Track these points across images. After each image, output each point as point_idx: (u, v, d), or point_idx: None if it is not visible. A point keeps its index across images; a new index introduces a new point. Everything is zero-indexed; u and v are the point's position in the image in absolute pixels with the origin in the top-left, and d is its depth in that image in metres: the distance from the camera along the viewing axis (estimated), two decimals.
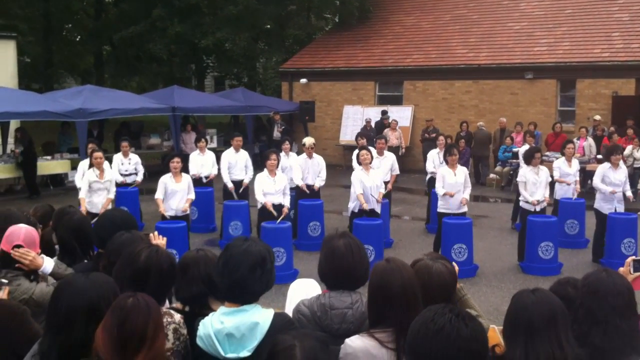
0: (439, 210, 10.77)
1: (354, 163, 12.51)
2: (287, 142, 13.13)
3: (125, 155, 13.63)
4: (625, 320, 3.15)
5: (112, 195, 10.98)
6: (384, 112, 21.70)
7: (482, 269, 10.46)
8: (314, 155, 12.62)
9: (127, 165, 13.60)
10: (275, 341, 2.77)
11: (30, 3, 32.01)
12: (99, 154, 10.87)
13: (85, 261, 4.61)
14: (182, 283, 3.63)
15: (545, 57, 20.84)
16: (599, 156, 16.16)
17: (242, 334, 3.15)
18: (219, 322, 3.19)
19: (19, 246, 4.13)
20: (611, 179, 10.80)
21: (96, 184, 10.74)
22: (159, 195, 10.53)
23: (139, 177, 13.63)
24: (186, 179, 10.68)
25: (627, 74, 19.22)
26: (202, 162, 13.51)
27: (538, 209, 10.67)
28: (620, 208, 10.85)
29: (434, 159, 13.41)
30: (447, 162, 10.76)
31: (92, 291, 3.01)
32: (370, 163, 10.83)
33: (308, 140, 12.79)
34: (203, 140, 13.83)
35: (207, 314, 3.43)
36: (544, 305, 2.89)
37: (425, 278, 3.34)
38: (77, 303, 2.95)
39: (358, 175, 10.72)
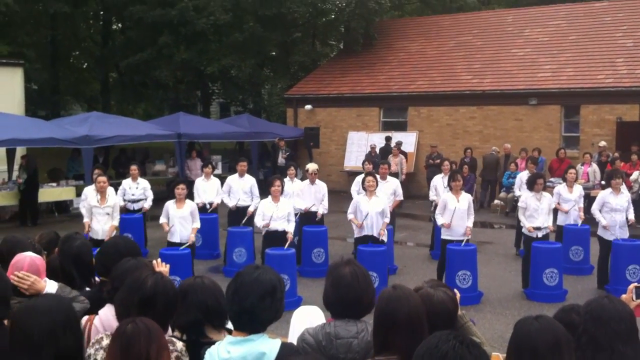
0: (442, 237, 10.75)
1: (353, 191, 12.50)
2: (292, 168, 13.14)
3: (134, 179, 13.60)
4: (629, 346, 3.15)
5: (116, 222, 10.96)
6: (388, 138, 21.75)
7: (487, 296, 10.42)
8: (317, 181, 12.66)
9: (134, 189, 13.55)
10: None
11: (38, 30, 32.33)
12: (102, 178, 10.86)
13: (87, 289, 4.60)
14: (179, 310, 3.63)
15: (549, 83, 20.91)
16: (603, 182, 16.14)
17: None
18: (226, 352, 3.19)
19: None
20: (612, 205, 10.77)
21: (96, 209, 10.76)
22: (163, 219, 10.61)
23: (147, 204, 13.61)
24: (189, 206, 10.66)
25: (631, 100, 19.25)
26: (205, 189, 13.53)
27: (540, 235, 10.64)
28: (624, 234, 10.80)
29: (437, 184, 13.38)
30: (450, 188, 10.76)
31: (61, 306, 3.08)
32: (375, 190, 10.80)
33: (311, 166, 12.84)
34: (210, 166, 13.85)
35: (203, 342, 3.45)
36: (548, 332, 2.89)
37: (427, 306, 3.32)
38: (55, 318, 2.98)
39: (356, 200, 10.74)
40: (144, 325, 2.93)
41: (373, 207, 10.48)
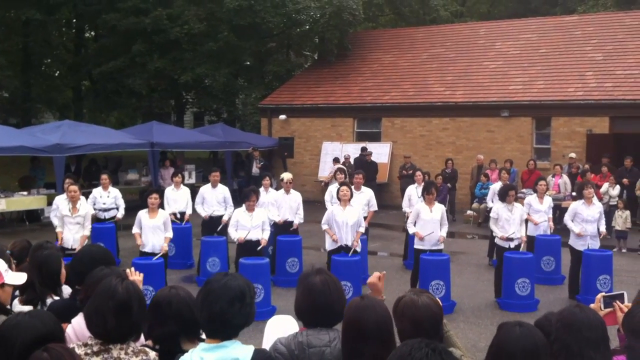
0: (415, 246, 10.80)
1: (327, 201, 12.55)
2: (267, 178, 13.12)
3: (105, 188, 13.47)
4: (600, 353, 3.19)
5: (87, 232, 10.79)
6: (364, 149, 21.81)
7: (460, 306, 10.48)
8: (292, 191, 12.67)
9: (105, 198, 13.41)
10: None
11: (9, 37, 31.95)
12: (73, 187, 10.75)
13: (57, 298, 4.56)
14: (154, 321, 3.61)
15: (520, 95, 21.16)
16: (574, 193, 16.34)
17: None
18: (199, 358, 3.18)
19: None
20: (584, 216, 10.91)
21: (67, 218, 10.64)
22: (135, 229, 10.54)
23: (120, 214, 13.47)
24: (162, 215, 10.60)
25: (601, 113, 19.55)
26: (175, 198, 13.44)
27: (512, 245, 10.74)
28: (594, 245, 10.94)
29: (411, 195, 13.48)
30: (424, 199, 10.82)
31: (45, 324, 3.05)
32: (350, 200, 10.81)
33: (286, 176, 12.86)
34: (179, 175, 13.78)
35: (176, 351, 3.45)
36: (528, 339, 2.92)
37: (412, 312, 3.32)
38: (38, 336, 2.95)
39: (331, 210, 10.72)
40: (62, 349, 2.89)
41: (347, 217, 10.49)
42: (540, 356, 2.91)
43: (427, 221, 10.51)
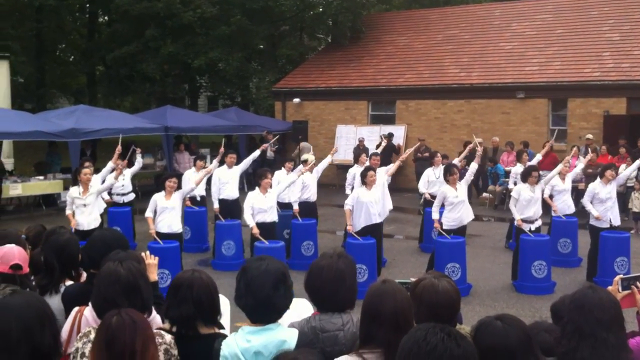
0: (445, 228, 10.55)
1: (348, 187, 12.58)
2: (291, 162, 13.35)
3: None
4: (613, 334, 3.15)
5: (103, 202, 11.10)
6: (391, 134, 21.59)
7: (476, 288, 10.45)
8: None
9: (121, 181, 13.30)
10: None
11: (23, 23, 32.04)
12: (86, 170, 10.66)
13: (72, 282, 4.57)
14: (173, 302, 3.61)
15: (536, 76, 20.96)
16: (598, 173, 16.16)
17: (270, 352, 3.20)
18: (245, 341, 3.23)
19: (17, 265, 4.14)
20: (601, 195, 10.81)
21: (78, 200, 10.50)
22: (149, 213, 10.44)
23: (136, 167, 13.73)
24: (177, 197, 10.53)
25: (618, 93, 19.33)
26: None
27: (533, 227, 10.65)
28: (616, 221, 10.85)
29: (429, 176, 13.54)
30: (447, 182, 10.73)
31: (36, 302, 2.97)
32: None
33: (310, 157, 12.97)
34: (202, 160, 13.67)
35: (192, 336, 3.49)
36: (517, 330, 2.89)
37: (432, 296, 3.30)
38: (31, 314, 2.87)
39: (357, 192, 10.78)
40: (129, 317, 2.91)
41: (373, 197, 10.66)
42: (534, 346, 2.88)
43: (455, 202, 10.51)
